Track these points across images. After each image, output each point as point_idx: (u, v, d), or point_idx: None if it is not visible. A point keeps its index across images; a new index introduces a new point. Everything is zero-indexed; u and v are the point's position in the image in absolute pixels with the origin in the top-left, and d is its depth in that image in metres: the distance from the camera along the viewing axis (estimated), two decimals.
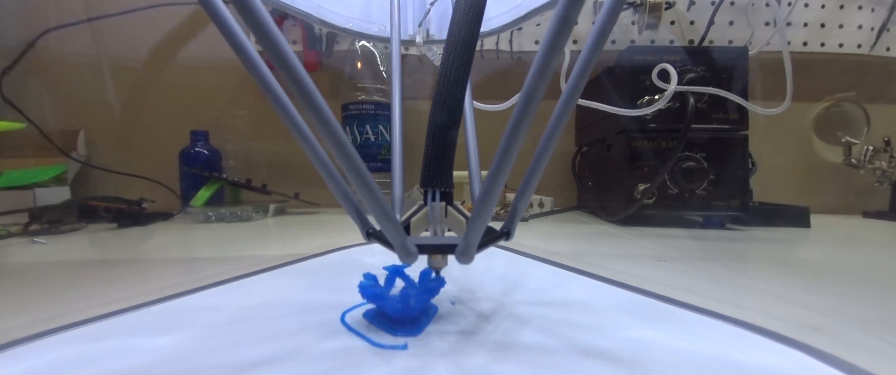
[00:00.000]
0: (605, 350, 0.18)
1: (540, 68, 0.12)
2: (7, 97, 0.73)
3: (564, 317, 0.22)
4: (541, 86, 0.12)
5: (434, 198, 0.21)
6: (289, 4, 0.33)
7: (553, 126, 0.16)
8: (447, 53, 0.20)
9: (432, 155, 0.20)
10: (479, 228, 0.15)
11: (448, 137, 0.20)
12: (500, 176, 0.14)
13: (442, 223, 0.21)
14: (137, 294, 0.26)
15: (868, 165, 0.76)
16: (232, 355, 0.17)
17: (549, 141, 0.16)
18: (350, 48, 0.76)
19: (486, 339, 0.19)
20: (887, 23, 0.80)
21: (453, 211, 0.21)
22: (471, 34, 0.20)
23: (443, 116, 0.20)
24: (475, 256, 0.17)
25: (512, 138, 0.13)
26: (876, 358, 0.18)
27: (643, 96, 0.55)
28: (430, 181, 0.21)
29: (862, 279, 0.33)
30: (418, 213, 0.21)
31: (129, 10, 0.79)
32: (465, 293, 0.26)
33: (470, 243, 0.16)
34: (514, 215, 0.19)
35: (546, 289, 0.27)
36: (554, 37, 0.11)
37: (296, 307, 0.23)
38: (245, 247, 0.43)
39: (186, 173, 0.75)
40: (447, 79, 0.20)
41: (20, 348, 0.18)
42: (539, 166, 0.16)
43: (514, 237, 0.19)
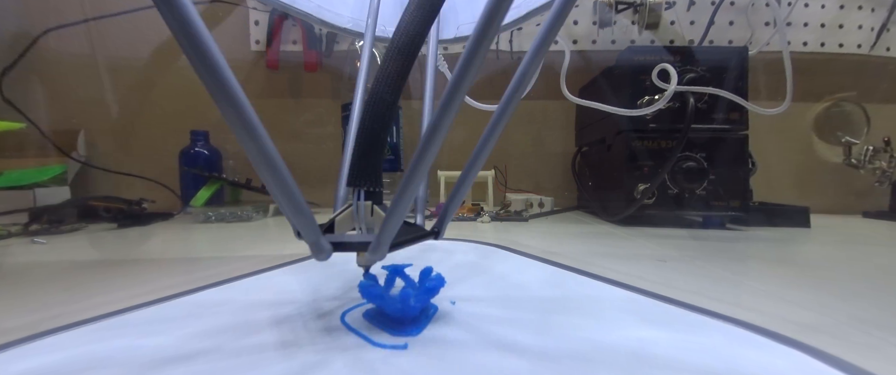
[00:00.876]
0: (605, 350, 0.18)
1: (462, 66, 0.12)
2: (7, 97, 0.73)
3: (564, 318, 0.22)
4: (464, 82, 0.12)
5: (360, 197, 0.21)
6: (289, 4, 0.34)
7: (489, 131, 0.16)
8: (386, 54, 0.20)
9: (359, 154, 0.21)
10: (392, 226, 0.16)
11: (376, 137, 0.20)
12: (416, 176, 0.14)
13: (368, 222, 0.21)
14: (137, 295, 0.26)
15: (868, 165, 0.76)
16: (232, 355, 0.17)
17: (484, 144, 0.16)
18: (350, 48, 0.76)
19: (486, 341, 0.19)
20: (887, 23, 0.80)
21: (379, 210, 0.21)
22: (413, 38, 0.20)
23: (371, 116, 0.20)
24: (386, 253, 0.17)
25: (430, 139, 0.13)
26: (876, 358, 0.18)
27: (643, 96, 0.55)
28: (356, 180, 0.21)
29: (862, 279, 0.33)
30: (344, 212, 0.22)
31: (129, 11, 0.79)
32: (465, 293, 0.26)
33: (382, 241, 0.16)
34: (444, 216, 0.19)
35: (546, 289, 0.27)
36: (481, 30, 0.11)
37: (295, 307, 0.23)
38: (245, 247, 0.43)
39: (186, 173, 0.75)
40: (379, 80, 0.20)
41: (20, 348, 0.18)
42: (475, 165, 0.17)
43: (443, 237, 0.19)
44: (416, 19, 0.20)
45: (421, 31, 0.20)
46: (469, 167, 0.18)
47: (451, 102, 0.12)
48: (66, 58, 0.80)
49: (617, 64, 0.60)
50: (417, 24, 0.20)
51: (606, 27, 0.79)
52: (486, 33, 0.11)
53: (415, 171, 0.14)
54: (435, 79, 0.26)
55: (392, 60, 0.20)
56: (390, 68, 0.20)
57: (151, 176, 0.80)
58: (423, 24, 0.20)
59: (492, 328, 0.20)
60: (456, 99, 0.12)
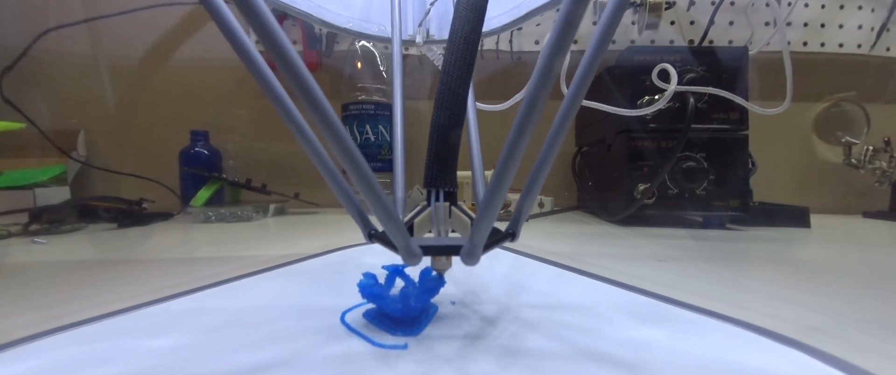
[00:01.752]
0: (605, 350, 0.18)
1: (543, 71, 0.12)
2: (7, 97, 0.73)
3: (564, 318, 0.22)
4: (545, 88, 0.12)
5: (438, 198, 0.21)
6: (289, 4, 0.33)
7: (557, 127, 0.16)
8: (449, 52, 0.20)
9: (435, 155, 0.20)
10: (485, 228, 0.15)
11: (451, 136, 0.20)
12: (506, 176, 0.14)
13: (446, 224, 0.21)
14: (137, 295, 0.26)
15: (868, 165, 0.76)
16: (232, 355, 0.17)
17: (553, 142, 0.16)
18: (350, 48, 0.76)
19: (488, 342, 0.19)
20: (887, 23, 0.80)
21: (457, 211, 0.21)
22: (473, 32, 0.20)
23: (446, 116, 0.20)
24: (480, 257, 0.16)
25: (517, 139, 0.13)
26: (876, 358, 0.18)
27: (643, 96, 0.55)
28: (434, 181, 0.20)
29: (862, 279, 0.33)
30: (421, 213, 0.21)
31: (128, 11, 0.79)
32: (465, 294, 0.26)
33: (475, 243, 0.16)
34: (519, 216, 0.19)
35: (546, 290, 0.27)
36: (559, 38, 0.11)
37: (295, 307, 0.23)
38: (245, 247, 0.43)
39: (186, 173, 0.75)
40: (450, 77, 0.19)
41: (20, 348, 0.18)
42: (544, 166, 0.16)
43: (519, 237, 0.19)
44: (469, 16, 0.20)
45: (477, 22, 0.20)
46: (539, 165, 0.17)
47: (535, 101, 0.12)
48: (66, 58, 0.80)
49: (617, 64, 0.60)
50: (474, 16, 0.20)
51: None
52: (567, 32, 0.11)
53: (504, 172, 0.13)
54: None
55: (458, 57, 0.19)
56: (457, 64, 0.19)
57: (151, 176, 0.80)
58: (479, 14, 0.20)
59: (492, 328, 0.20)
60: (540, 100, 0.12)
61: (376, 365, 0.16)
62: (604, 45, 0.13)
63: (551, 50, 0.11)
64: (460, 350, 0.18)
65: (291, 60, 0.11)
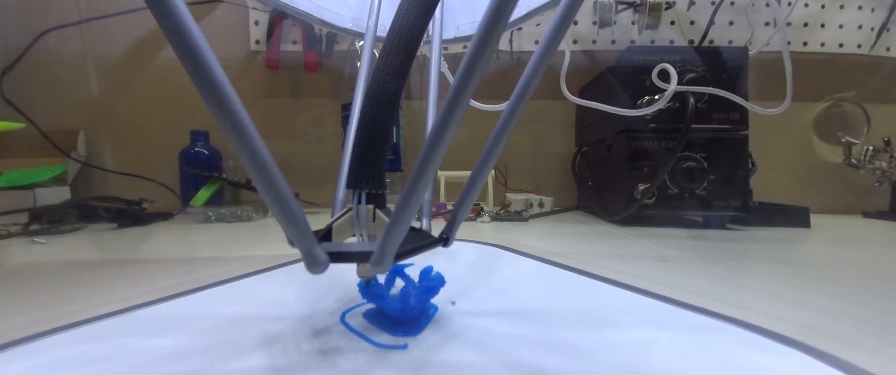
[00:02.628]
0: (605, 350, 0.18)
1: (467, 66, 0.11)
2: (7, 97, 0.73)
3: (564, 318, 0.22)
4: (470, 82, 0.11)
5: (360, 201, 0.19)
6: (289, 4, 0.33)
7: (498, 132, 0.15)
8: (385, 47, 0.19)
9: (359, 154, 0.19)
10: (397, 234, 0.14)
11: (379, 134, 0.19)
12: (423, 180, 0.13)
13: (369, 228, 0.19)
14: (137, 295, 0.26)
15: (868, 165, 0.76)
16: (231, 356, 0.17)
17: (490, 151, 0.16)
18: (350, 48, 0.76)
19: (486, 341, 0.19)
20: (887, 23, 0.80)
21: (382, 215, 0.19)
22: (412, 28, 0.18)
23: (372, 113, 0.18)
24: (390, 264, 0.15)
25: (436, 139, 0.12)
26: (876, 358, 0.18)
27: (643, 96, 0.55)
28: (357, 182, 0.19)
29: (862, 279, 0.33)
30: (342, 217, 0.20)
31: (128, 11, 0.79)
32: (464, 294, 0.26)
33: (386, 250, 0.14)
34: (453, 222, 0.18)
35: (546, 290, 0.27)
36: (485, 31, 0.11)
37: (295, 307, 0.23)
38: (245, 247, 0.43)
39: (186, 173, 0.75)
40: (381, 73, 0.18)
41: (20, 348, 0.18)
42: (482, 172, 0.16)
43: (452, 244, 0.18)
44: (414, 9, 0.19)
45: (420, 20, 0.18)
46: (478, 170, 0.16)
47: (456, 102, 0.12)
48: (66, 58, 0.80)
49: (617, 64, 0.60)
50: (416, 14, 0.18)
51: (606, 27, 0.79)
52: (491, 32, 0.11)
53: (421, 173, 0.13)
54: (438, 79, 0.26)
55: (392, 52, 0.18)
56: (391, 60, 0.18)
57: (151, 176, 0.80)
58: (423, 13, 0.19)
59: (492, 328, 0.20)
60: (462, 99, 0.12)
61: (376, 366, 0.16)
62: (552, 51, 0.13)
63: (474, 48, 0.11)
64: (459, 347, 0.18)
65: (186, 38, 0.10)
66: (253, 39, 0.83)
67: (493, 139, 0.16)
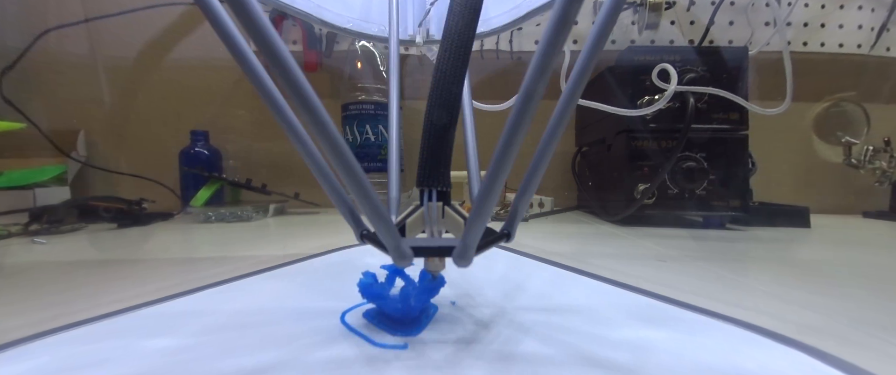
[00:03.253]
0: (604, 352, 0.18)
1: (539, 68, 0.12)
2: (7, 97, 0.73)
3: (564, 318, 0.22)
4: (540, 85, 0.12)
5: (430, 198, 0.20)
6: (289, 4, 0.33)
7: (553, 126, 0.16)
8: (443, 49, 0.19)
9: (429, 154, 0.20)
10: (478, 229, 0.15)
11: (445, 135, 0.20)
12: (500, 176, 0.14)
13: (439, 224, 0.21)
14: (137, 295, 0.26)
15: (868, 165, 0.76)
16: (231, 356, 0.17)
17: (549, 141, 0.16)
18: (350, 48, 0.76)
19: (486, 341, 0.19)
20: (887, 23, 0.80)
21: (451, 212, 0.20)
22: (467, 28, 0.19)
23: (440, 114, 0.19)
24: (473, 258, 0.16)
25: (511, 138, 0.13)
26: (876, 358, 0.18)
27: (643, 96, 0.55)
28: (427, 181, 0.20)
29: (862, 279, 0.33)
30: (414, 213, 0.21)
31: (128, 11, 0.79)
32: (463, 295, 0.26)
33: (468, 244, 0.15)
34: (514, 216, 0.18)
35: (546, 290, 0.27)
36: (553, 36, 0.11)
37: (295, 307, 0.23)
38: (245, 247, 0.43)
39: (186, 173, 0.75)
40: (443, 75, 0.19)
41: (20, 348, 0.18)
42: (540, 165, 0.16)
43: (514, 238, 0.19)
44: (464, 13, 0.19)
45: (471, 20, 0.19)
46: (534, 166, 0.17)
47: (529, 101, 0.12)
48: (66, 58, 0.80)
49: (617, 64, 0.60)
50: (467, 15, 0.19)
51: None
52: (559, 34, 0.11)
53: (497, 172, 0.13)
54: None
55: (451, 55, 0.19)
56: (451, 63, 0.19)
57: (151, 176, 0.79)
58: (474, 12, 0.19)
59: (492, 328, 0.20)
60: (534, 98, 0.12)
61: (376, 366, 0.16)
62: (601, 44, 0.13)
63: (547, 46, 0.11)
64: (458, 352, 0.18)
65: (283, 59, 0.11)
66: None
67: (548, 133, 0.16)
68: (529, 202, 0.19)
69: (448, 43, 0.19)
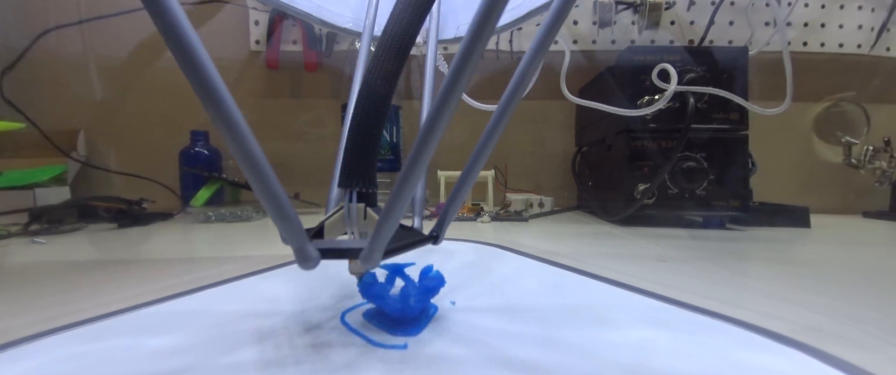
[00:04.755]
0: (605, 351, 0.18)
1: (461, 59, 0.11)
2: (7, 97, 0.73)
3: (564, 318, 0.22)
4: (461, 78, 0.12)
5: (351, 199, 0.20)
6: (289, 4, 0.34)
7: (490, 130, 0.16)
8: (377, 49, 0.19)
9: (351, 153, 0.19)
10: (387, 231, 0.14)
11: (370, 134, 0.19)
12: (412, 177, 0.13)
13: (360, 226, 0.20)
14: (137, 295, 0.26)
15: (868, 165, 0.76)
16: (231, 356, 0.17)
17: (485, 144, 0.16)
18: (350, 48, 0.76)
19: (486, 342, 0.19)
20: (887, 23, 0.80)
21: (373, 213, 0.20)
22: (405, 31, 0.19)
23: (364, 113, 0.19)
24: (379, 260, 0.15)
25: (426, 137, 0.12)
26: (876, 358, 0.18)
27: (643, 96, 0.55)
28: (348, 181, 0.20)
29: (862, 279, 0.33)
30: (334, 214, 0.20)
31: (128, 11, 0.79)
32: (463, 295, 0.26)
33: (375, 247, 0.15)
34: (443, 219, 0.18)
35: (545, 290, 0.27)
36: (478, 27, 0.11)
37: (295, 307, 0.23)
38: (245, 247, 0.43)
39: (186, 173, 0.75)
40: (372, 75, 0.19)
41: (20, 348, 0.18)
42: (475, 165, 0.16)
43: (442, 241, 0.18)
44: (408, 11, 0.19)
45: (414, 22, 0.19)
46: (469, 168, 0.17)
47: (448, 98, 0.12)
48: (66, 58, 0.80)
49: (617, 64, 0.60)
50: (410, 16, 0.19)
51: (606, 27, 0.79)
52: (483, 29, 0.11)
53: (411, 170, 0.13)
54: (434, 79, 0.26)
55: (385, 53, 0.19)
56: (383, 62, 0.19)
57: (151, 176, 0.79)
58: (417, 15, 0.19)
59: (492, 328, 0.20)
60: (453, 96, 0.12)
61: (376, 366, 0.16)
62: (544, 50, 0.13)
63: (470, 39, 0.11)
64: (458, 352, 0.18)
65: (182, 41, 0.10)
66: (253, 39, 0.83)
67: (484, 137, 0.16)
68: (460, 206, 0.18)
69: (383, 43, 0.19)
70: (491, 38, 0.11)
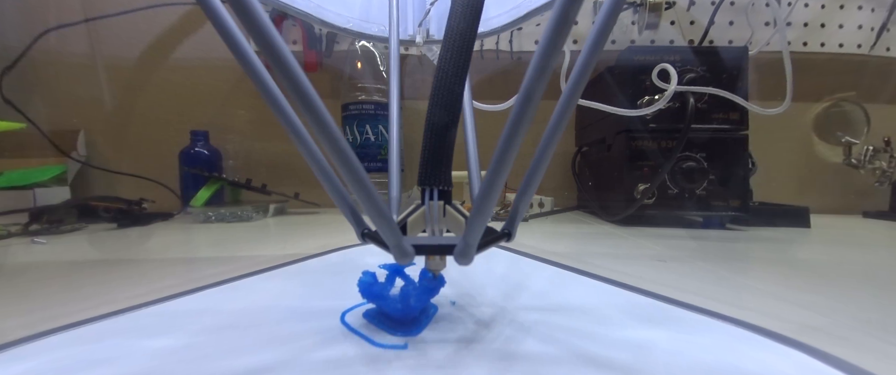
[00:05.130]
0: (604, 351, 0.18)
1: (538, 68, 0.12)
2: (7, 97, 0.73)
3: (564, 318, 0.22)
4: (539, 85, 0.12)
5: (432, 197, 0.20)
6: (289, 4, 0.33)
7: (554, 126, 0.16)
8: (445, 49, 0.20)
9: (430, 153, 0.20)
10: (479, 227, 0.15)
11: (446, 134, 0.20)
12: (500, 175, 0.14)
13: (440, 223, 0.21)
14: (137, 295, 0.26)
15: (868, 165, 0.75)
16: (231, 356, 0.17)
17: (549, 141, 0.16)
18: (350, 48, 0.76)
19: (486, 341, 0.19)
20: (887, 23, 0.80)
21: (452, 211, 0.21)
22: (469, 29, 0.19)
23: (441, 113, 0.19)
24: (474, 257, 0.16)
25: (511, 138, 0.13)
26: (876, 358, 0.18)
27: (643, 96, 0.55)
28: (428, 180, 0.20)
29: (862, 279, 0.33)
30: (415, 212, 0.21)
31: (128, 11, 0.79)
32: (463, 294, 0.26)
33: (469, 243, 0.15)
34: (515, 216, 0.18)
35: (546, 290, 0.27)
36: (553, 36, 0.11)
37: (295, 307, 0.23)
38: (245, 247, 0.43)
39: (186, 173, 0.75)
40: (445, 75, 0.19)
41: (20, 348, 0.18)
42: (540, 165, 0.16)
43: (515, 237, 0.19)
44: (466, 12, 0.19)
45: (473, 20, 0.19)
46: (535, 166, 0.17)
47: (530, 98, 0.12)
48: (66, 58, 0.80)
49: (617, 64, 0.60)
50: (469, 14, 0.19)
51: None
52: (561, 29, 0.11)
53: (497, 171, 0.13)
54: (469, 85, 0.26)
55: (453, 55, 0.19)
56: (453, 62, 0.19)
57: (151, 176, 0.79)
58: (476, 11, 0.20)
59: (492, 328, 0.20)
60: (535, 96, 0.12)
61: (376, 366, 0.16)
62: (601, 45, 0.13)
63: (547, 46, 0.11)
64: (458, 352, 0.18)
65: (285, 59, 0.11)
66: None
67: (548, 133, 0.16)
68: (530, 202, 0.19)
69: (450, 43, 0.19)
70: (566, 38, 0.12)
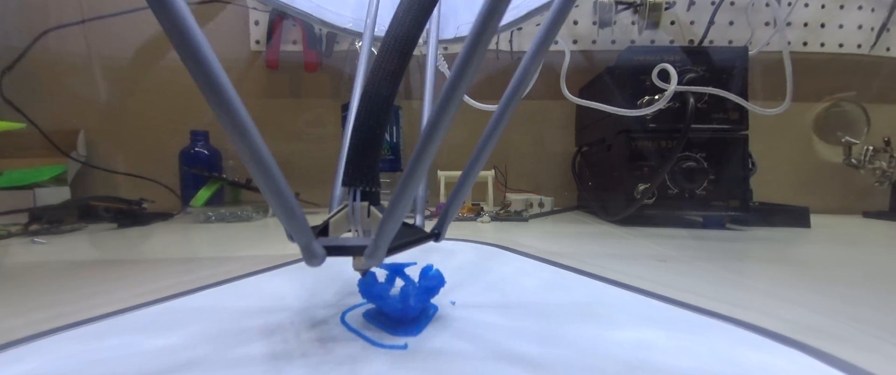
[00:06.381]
0: (605, 350, 0.18)
1: (461, 64, 0.11)
2: (7, 97, 0.73)
3: (564, 318, 0.22)
4: (463, 79, 0.12)
5: (355, 198, 0.20)
6: (289, 4, 0.34)
7: (490, 130, 0.16)
8: (380, 51, 0.19)
9: (354, 153, 0.20)
10: (390, 229, 0.15)
11: (372, 135, 0.19)
12: (414, 179, 0.13)
13: (364, 224, 0.20)
14: (137, 294, 0.26)
15: (868, 165, 0.75)
16: (231, 355, 0.17)
17: (485, 144, 0.16)
18: (350, 48, 0.76)
19: (486, 341, 0.19)
20: (887, 23, 0.80)
21: (376, 212, 0.20)
22: (407, 35, 0.19)
23: (367, 115, 0.19)
24: (383, 257, 0.16)
25: (429, 137, 0.12)
26: (876, 358, 0.18)
27: (643, 96, 0.55)
28: (352, 180, 0.20)
29: (862, 279, 0.33)
30: (338, 213, 0.21)
31: (128, 11, 0.79)
32: (463, 294, 0.26)
33: (379, 244, 0.15)
34: (444, 218, 0.19)
35: (545, 290, 0.27)
36: (479, 30, 0.11)
37: (295, 307, 0.23)
38: (245, 247, 0.43)
39: (186, 173, 0.75)
40: (375, 76, 0.19)
41: (20, 348, 0.18)
42: (474, 169, 0.16)
43: (443, 238, 0.18)
44: (411, 12, 0.19)
45: (416, 24, 0.19)
46: (469, 168, 0.17)
47: (449, 99, 0.12)
48: (66, 58, 0.80)
49: (617, 64, 0.60)
50: (413, 18, 0.19)
51: (606, 27, 0.79)
52: (485, 30, 0.11)
53: (414, 170, 0.13)
54: (434, 79, 0.26)
55: (387, 54, 0.19)
56: (386, 63, 0.19)
57: (151, 176, 0.79)
58: (419, 16, 0.19)
59: (492, 328, 0.20)
60: (455, 96, 0.12)
61: (376, 366, 0.16)
62: (543, 51, 0.13)
63: (472, 42, 0.11)
64: (458, 352, 0.18)
65: (188, 40, 0.10)
66: (253, 40, 0.83)
67: (484, 137, 0.17)
68: (461, 205, 0.19)
69: (386, 43, 0.19)
70: (492, 38, 0.11)
